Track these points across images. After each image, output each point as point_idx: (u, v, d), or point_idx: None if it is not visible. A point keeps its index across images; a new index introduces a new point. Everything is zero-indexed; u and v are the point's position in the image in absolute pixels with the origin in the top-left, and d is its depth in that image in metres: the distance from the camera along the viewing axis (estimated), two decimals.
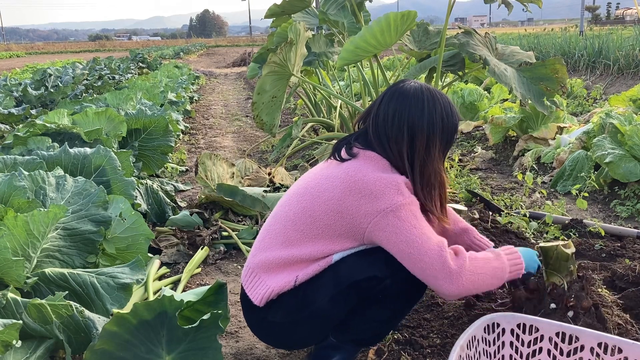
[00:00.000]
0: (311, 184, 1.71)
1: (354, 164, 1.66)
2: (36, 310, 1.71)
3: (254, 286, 1.71)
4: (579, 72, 10.51)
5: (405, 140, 1.64)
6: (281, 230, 1.71)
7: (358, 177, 1.61)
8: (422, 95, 1.66)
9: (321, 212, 1.64)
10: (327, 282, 1.64)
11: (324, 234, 1.65)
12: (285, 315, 1.68)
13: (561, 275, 1.84)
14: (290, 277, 1.65)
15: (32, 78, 11.49)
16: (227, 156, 5.63)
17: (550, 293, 1.83)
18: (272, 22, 5.03)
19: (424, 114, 1.65)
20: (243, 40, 71.32)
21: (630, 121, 3.76)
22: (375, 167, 1.64)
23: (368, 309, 1.68)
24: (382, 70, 4.00)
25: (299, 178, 1.83)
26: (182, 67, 15.99)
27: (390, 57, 12.66)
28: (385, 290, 1.63)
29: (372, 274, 1.62)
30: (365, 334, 1.74)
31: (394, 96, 1.69)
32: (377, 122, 1.69)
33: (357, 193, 1.59)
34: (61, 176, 2.41)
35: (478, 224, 2.80)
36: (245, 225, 3.33)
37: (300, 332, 1.72)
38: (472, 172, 4.53)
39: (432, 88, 1.72)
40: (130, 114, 4.09)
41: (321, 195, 1.65)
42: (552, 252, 1.84)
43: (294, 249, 1.66)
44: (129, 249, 2.41)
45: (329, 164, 1.74)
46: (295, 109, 8.69)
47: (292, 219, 1.69)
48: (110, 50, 47.16)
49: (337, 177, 1.65)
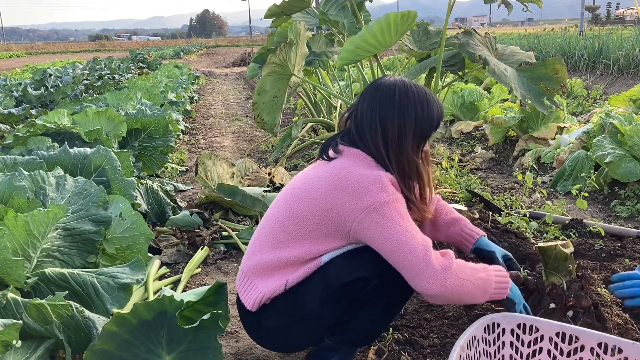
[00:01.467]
0: (298, 184, 1.73)
1: (339, 162, 1.67)
2: (36, 310, 1.71)
3: (246, 291, 1.72)
4: (579, 72, 10.51)
5: (379, 132, 1.65)
6: (270, 232, 1.71)
7: (342, 174, 1.61)
8: (393, 87, 1.67)
9: (307, 212, 1.64)
10: (317, 285, 1.64)
11: (311, 234, 1.65)
12: (277, 320, 1.68)
13: (560, 275, 1.84)
14: (281, 281, 1.65)
15: (32, 78, 11.49)
16: (227, 156, 5.63)
17: (549, 293, 1.83)
18: (272, 22, 5.03)
19: (394, 105, 1.65)
20: (243, 40, 71.32)
21: (630, 121, 3.76)
22: (360, 163, 1.65)
23: (359, 309, 1.68)
24: (382, 70, 4.00)
25: (289, 181, 1.84)
26: (182, 67, 15.99)
27: (390, 57, 12.66)
28: (374, 290, 1.64)
29: (361, 275, 1.62)
30: (359, 334, 1.74)
31: (369, 91, 1.71)
32: (357, 119, 1.71)
33: (341, 190, 1.60)
34: (61, 176, 2.41)
35: (478, 224, 2.80)
36: (245, 225, 3.33)
37: (294, 335, 1.73)
38: (472, 172, 4.53)
39: (409, 81, 1.71)
40: (130, 114, 4.09)
41: (307, 195, 1.66)
42: (551, 252, 1.84)
43: (283, 251, 1.67)
44: (129, 249, 2.41)
45: (317, 165, 1.75)
46: (295, 109, 8.69)
47: (281, 220, 1.69)
48: (110, 50, 47.16)
49: (323, 176, 1.66)
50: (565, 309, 1.81)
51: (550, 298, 1.82)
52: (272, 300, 1.67)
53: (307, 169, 1.80)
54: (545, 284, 1.86)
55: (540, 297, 1.85)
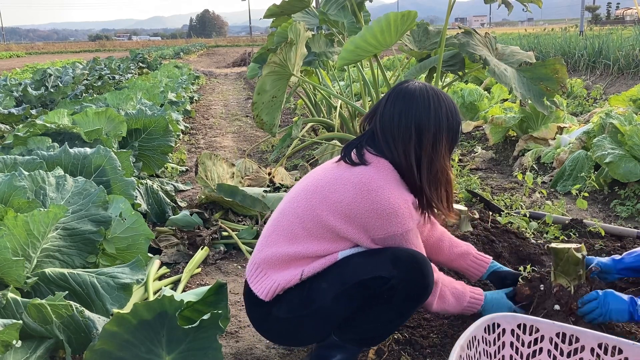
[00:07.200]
0: (321, 182, 1.72)
1: (367, 171, 1.67)
2: (36, 310, 1.71)
3: (259, 281, 1.73)
4: (579, 72, 10.51)
5: (413, 139, 1.67)
6: (288, 226, 1.72)
7: (372, 187, 1.63)
8: (427, 95, 1.70)
9: (329, 213, 1.66)
10: (333, 280, 1.66)
11: (330, 235, 1.68)
12: (289, 311, 1.69)
13: (569, 279, 1.83)
14: (296, 271, 1.67)
15: (32, 78, 11.48)
16: (227, 156, 5.63)
17: (555, 294, 1.82)
18: (272, 22, 5.03)
19: (430, 112, 1.68)
20: (243, 40, 71.32)
21: (630, 121, 3.76)
22: (388, 178, 1.67)
23: (372, 308, 1.68)
24: (382, 70, 3.99)
25: (307, 175, 1.84)
26: (182, 67, 15.99)
27: (390, 57, 12.66)
28: (390, 290, 1.64)
29: (378, 274, 1.63)
30: (368, 333, 1.74)
31: (399, 96, 1.72)
32: (383, 123, 1.72)
33: (369, 205, 1.63)
34: (61, 176, 2.41)
35: (478, 224, 2.80)
36: (245, 225, 3.32)
37: (303, 328, 1.73)
38: (472, 172, 4.53)
39: (436, 88, 1.75)
40: (130, 114, 4.09)
41: (331, 196, 1.67)
42: (563, 254, 1.82)
43: (300, 246, 1.69)
44: (129, 249, 2.41)
45: (339, 165, 1.74)
46: (295, 109, 8.69)
47: (301, 215, 1.70)
48: (110, 50, 47.17)
49: (349, 181, 1.66)
50: (570, 313, 1.80)
51: (555, 299, 1.81)
52: (286, 291, 1.69)
53: (329, 167, 1.78)
54: (553, 285, 1.85)
55: (546, 297, 1.84)
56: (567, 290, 1.81)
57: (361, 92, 4.64)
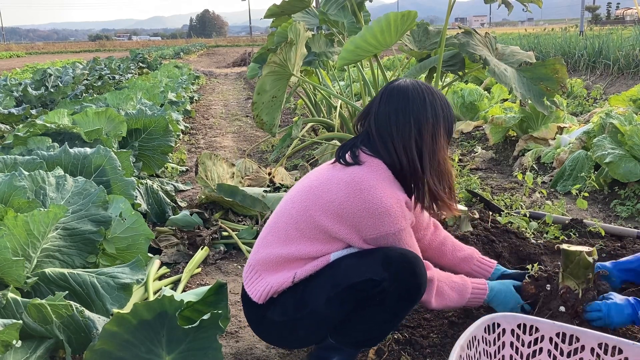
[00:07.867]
0: (315, 183, 1.73)
1: (360, 170, 1.67)
2: (36, 310, 1.71)
3: (253, 283, 1.73)
4: (579, 72, 10.51)
5: (413, 134, 1.68)
6: (283, 227, 1.73)
7: (364, 186, 1.63)
8: (420, 89, 1.72)
9: (322, 213, 1.66)
10: (325, 283, 1.65)
11: (323, 236, 1.68)
12: (283, 314, 1.69)
13: (578, 282, 1.82)
14: (289, 274, 1.67)
15: (32, 78, 11.48)
16: (227, 156, 5.63)
17: (562, 295, 1.81)
18: (272, 22, 5.03)
19: (426, 105, 1.70)
20: (243, 40, 71.32)
21: (630, 121, 3.76)
22: (380, 177, 1.67)
23: (366, 310, 1.68)
24: (382, 70, 4.00)
25: (304, 176, 1.85)
26: (182, 67, 15.99)
27: (390, 57, 12.66)
28: (382, 292, 1.63)
29: (369, 276, 1.62)
30: (364, 335, 1.73)
31: (392, 94, 1.73)
32: (378, 122, 1.72)
33: (361, 203, 1.62)
34: (61, 176, 2.41)
35: (478, 224, 2.80)
36: (246, 225, 3.32)
37: (298, 331, 1.73)
38: (472, 172, 4.53)
39: (426, 83, 1.78)
40: (130, 114, 4.09)
41: (324, 196, 1.67)
42: (574, 257, 1.80)
43: (293, 247, 1.69)
44: (129, 249, 2.41)
45: (334, 166, 1.75)
46: (295, 109, 8.69)
47: (295, 216, 1.71)
48: (110, 50, 47.17)
49: (342, 181, 1.66)
50: (575, 315, 1.78)
51: (561, 301, 1.80)
52: (280, 294, 1.69)
53: (325, 168, 1.79)
54: (560, 286, 1.84)
55: (552, 298, 1.84)
56: (574, 293, 1.79)
57: (361, 92, 4.64)
